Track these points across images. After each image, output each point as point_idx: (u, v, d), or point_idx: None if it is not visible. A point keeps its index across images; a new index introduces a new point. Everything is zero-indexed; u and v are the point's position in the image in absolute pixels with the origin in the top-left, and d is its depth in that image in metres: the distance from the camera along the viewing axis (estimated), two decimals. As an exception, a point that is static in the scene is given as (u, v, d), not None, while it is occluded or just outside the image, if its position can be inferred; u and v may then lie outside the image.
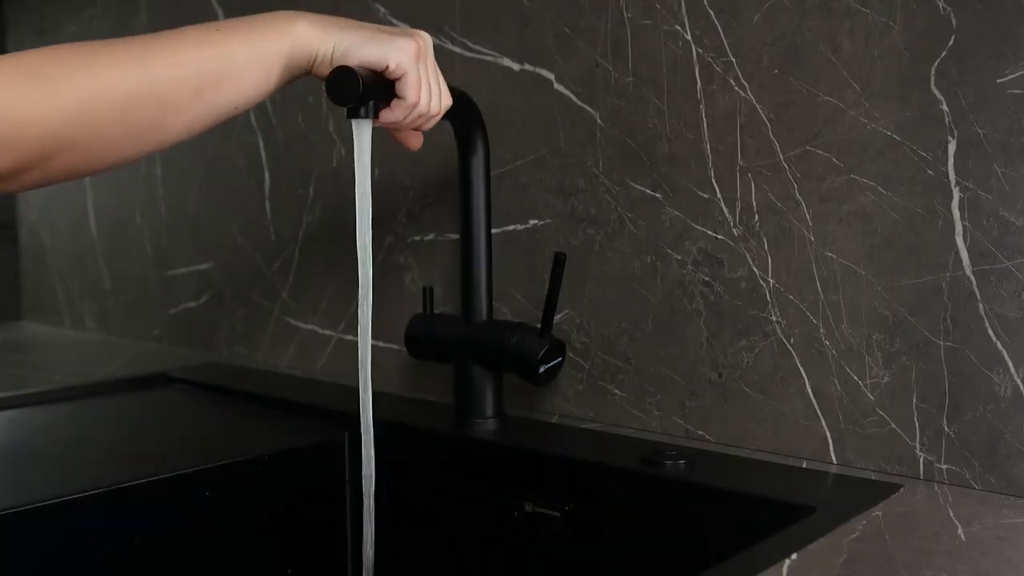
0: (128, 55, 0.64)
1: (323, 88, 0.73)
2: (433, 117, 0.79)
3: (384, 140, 0.83)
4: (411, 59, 0.74)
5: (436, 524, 0.96)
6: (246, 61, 0.68)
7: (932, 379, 0.78)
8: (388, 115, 0.77)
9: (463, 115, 0.90)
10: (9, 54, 0.61)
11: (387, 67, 0.74)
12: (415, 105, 0.76)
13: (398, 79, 0.75)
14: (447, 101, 0.79)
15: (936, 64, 0.77)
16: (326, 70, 0.73)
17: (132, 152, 0.66)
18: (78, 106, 0.61)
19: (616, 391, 0.98)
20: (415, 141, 0.83)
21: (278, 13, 0.72)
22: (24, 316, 1.82)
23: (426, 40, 0.77)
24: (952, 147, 0.77)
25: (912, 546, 0.65)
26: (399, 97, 0.76)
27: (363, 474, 0.80)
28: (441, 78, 0.79)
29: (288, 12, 0.72)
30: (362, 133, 0.76)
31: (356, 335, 1.20)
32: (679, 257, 0.92)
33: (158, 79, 0.65)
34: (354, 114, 0.75)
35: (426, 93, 0.76)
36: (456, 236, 1.10)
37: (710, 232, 0.90)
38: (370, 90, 0.73)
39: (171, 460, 0.91)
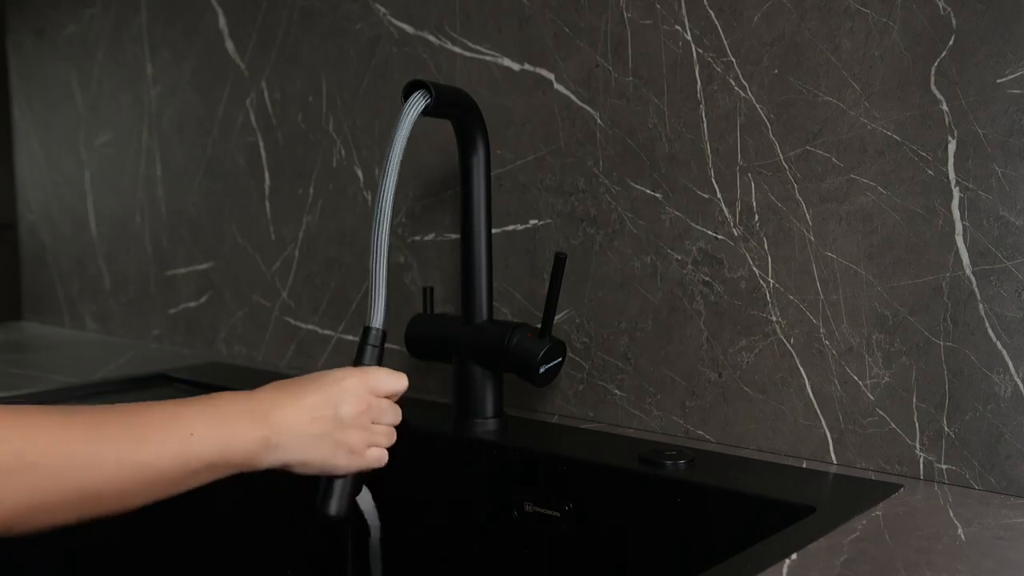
0: (93, 449, 0.62)
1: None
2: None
3: (383, 141, 0.83)
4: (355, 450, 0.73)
5: (436, 524, 0.96)
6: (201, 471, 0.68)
7: (932, 379, 0.78)
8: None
9: (463, 115, 0.90)
10: None
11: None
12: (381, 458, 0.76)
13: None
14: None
15: (936, 64, 0.77)
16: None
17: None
18: (30, 500, 0.59)
19: (616, 391, 0.98)
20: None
21: (249, 429, 0.69)
22: (24, 316, 1.82)
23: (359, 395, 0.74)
24: (952, 147, 0.77)
25: (912, 546, 0.65)
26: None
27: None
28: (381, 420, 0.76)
29: (260, 434, 0.69)
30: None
31: (356, 335, 1.20)
32: (679, 257, 0.92)
33: (114, 479, 0.63)
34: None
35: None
36: (456, 236, 1.10)
37: (710, 232, 0.90)
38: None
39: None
